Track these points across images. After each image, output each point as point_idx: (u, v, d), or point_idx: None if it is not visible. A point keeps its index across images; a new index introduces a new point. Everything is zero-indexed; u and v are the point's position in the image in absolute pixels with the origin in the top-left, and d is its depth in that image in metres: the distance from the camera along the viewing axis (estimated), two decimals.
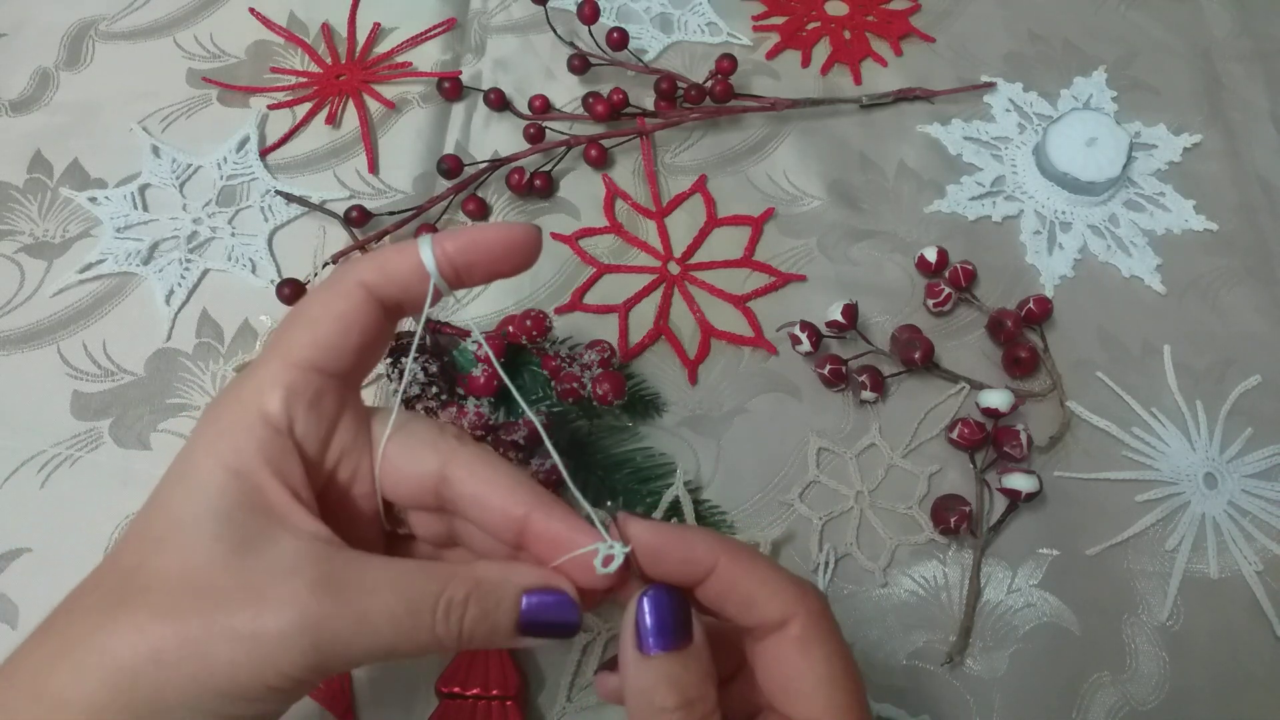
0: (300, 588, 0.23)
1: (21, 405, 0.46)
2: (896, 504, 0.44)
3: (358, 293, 0.26)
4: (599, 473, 0.43)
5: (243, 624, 0.22)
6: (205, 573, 0.23)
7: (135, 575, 0.23)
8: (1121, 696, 0.40)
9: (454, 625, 0.24)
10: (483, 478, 0.27)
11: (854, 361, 0.47)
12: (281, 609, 0.23)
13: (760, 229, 0.52)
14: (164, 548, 0.23)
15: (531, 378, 0.46)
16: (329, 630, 0.23)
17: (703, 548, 0.25)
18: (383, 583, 0.24)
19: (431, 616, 0.24)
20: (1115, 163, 0.51)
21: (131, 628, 0.22)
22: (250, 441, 0.24)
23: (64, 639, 0.23)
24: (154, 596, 0.23)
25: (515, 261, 0.27)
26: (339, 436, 0.27)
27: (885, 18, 0.61)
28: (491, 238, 0.26)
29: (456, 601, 0.24)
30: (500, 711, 0.38)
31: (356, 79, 0.57)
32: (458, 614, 0.24)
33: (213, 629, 0.22)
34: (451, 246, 0.26)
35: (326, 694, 0.39)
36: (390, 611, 0.23)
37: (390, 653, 0.24)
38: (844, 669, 0.25)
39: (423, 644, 0.24)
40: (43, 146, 0.54)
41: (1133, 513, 0.44)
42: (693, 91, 0.54)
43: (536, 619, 0.25)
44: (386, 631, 0.23)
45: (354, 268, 0.26)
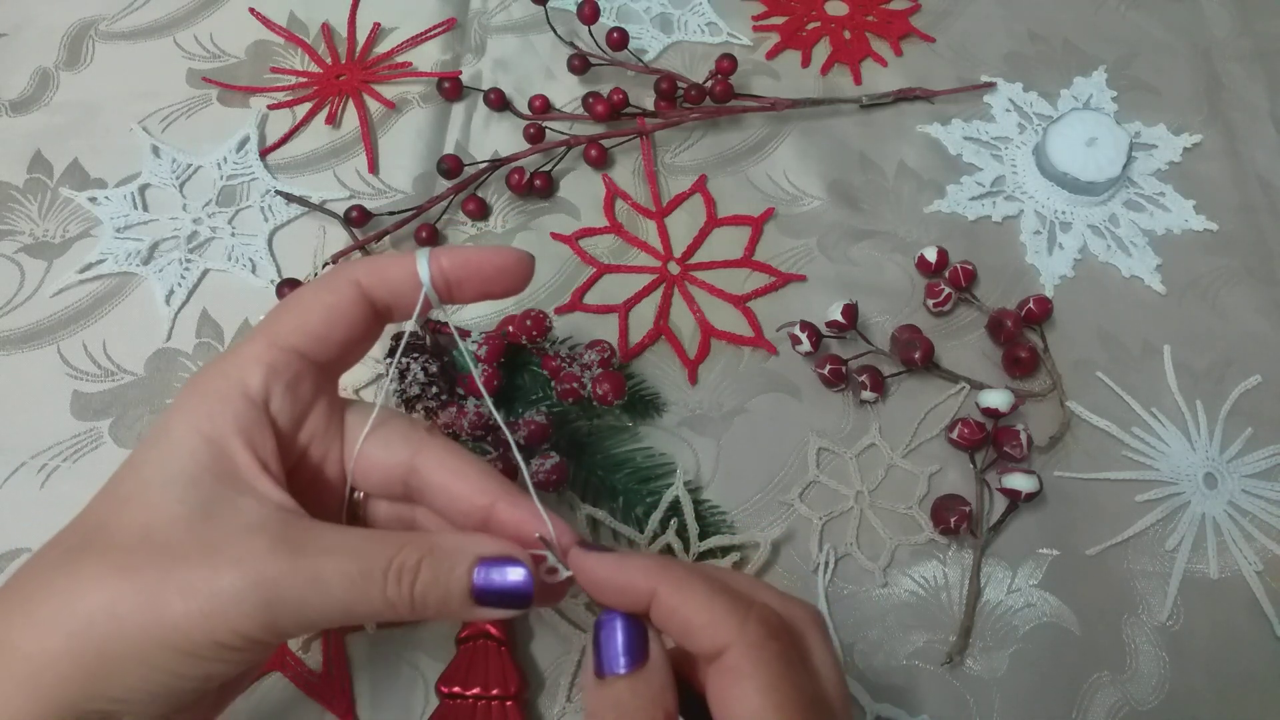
0: (257, 546, 0.23)
1: (21, 405, 0.46)
2: (896, 504, 0.44)
3: (350, 290, 0.27)
4: (599, 473, 0.43)
5: (197, 578, 0.23)
6: (166, 530, 0.23)
7: (99, 532, 0.24)
8: (1121, 696, 0.40)
9: (405, 589, 0.24)
10: (451, 468, 0.28)
11: (854, 361, 0.47)
12: (236, 565, 0.23)
13: (760, 229, 0.52)
14: (129, 506, 0.24)
15: (531, 378, 0.46)
16: (282, 587, 0.23)
17: (640, 576, 0.25)
18: (338, 545, 0.24)
19: (383, 579, 0.24)
20: (1115, 163, 0.51)
21: (90, 580, 0.23)
22: (226, 410, 0.25)
23: (24, 593, 0.23)
24: (114, 552, 0.23)
25: (506, 285, 0.28)
26: (312, 420, 0.28)
27: (885, 18, 0.61)
28: (486, 260, 0.27)
29: (409, 565, 0.24)
30: (500, 711, 0.38)
31: (356, 79, 0.57)
32: (409, 578, 0.24)
33: (167, 582, 0.23)
34: (447, 262, 0.27)
35: (326, 694, 0.39)
36: (343, 572, 0.24)
37: (344, 614, 0.24)
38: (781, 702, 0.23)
39: (375, 606, 0.24)
40: (43, 146, 0.54)
41: (1133, 513, 0.44)
42: (693, 91, 0.54)
43: (490, 587, 0.25)
44: (338, 592, 0.24)
45: (351, 266, 0.28)
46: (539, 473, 0.41)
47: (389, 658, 0.40)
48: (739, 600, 0.24)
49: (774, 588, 0.27)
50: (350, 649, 0.40)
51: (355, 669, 0.40)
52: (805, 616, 0.26)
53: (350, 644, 0.40)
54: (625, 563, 0.25)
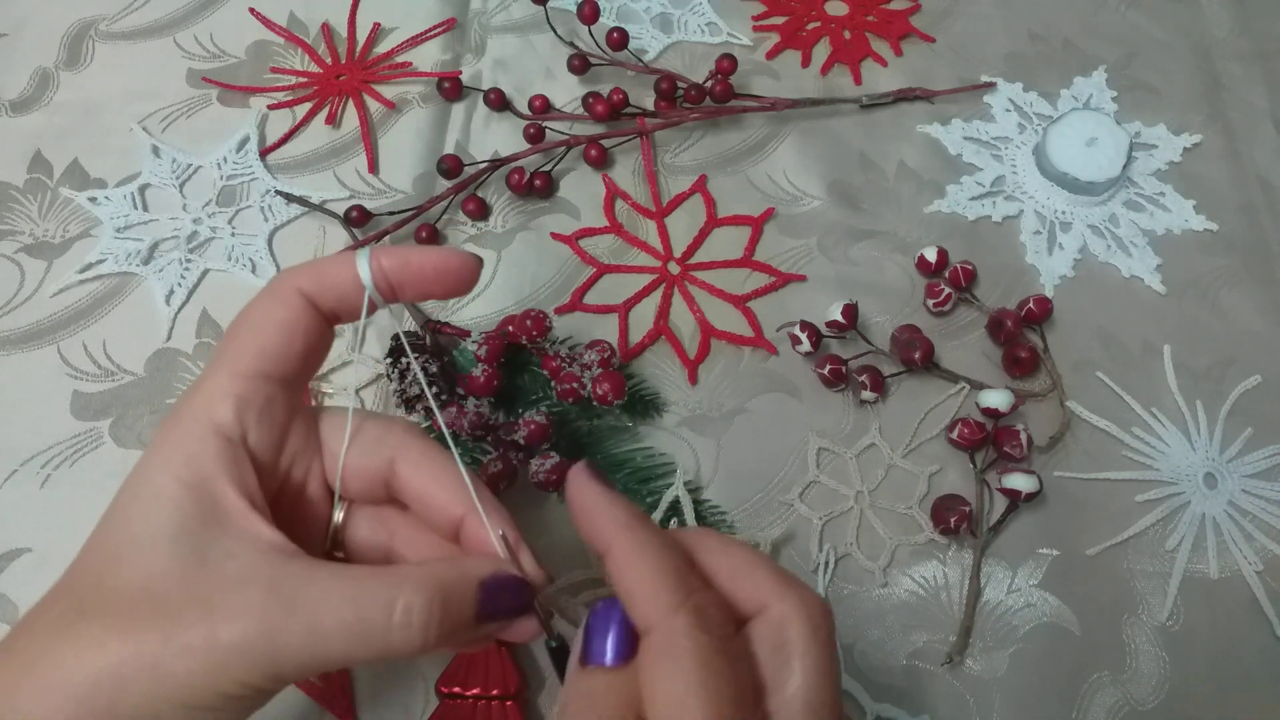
0: (253, 599, 0.23)
1: (21, 405, 0.46)
2: (896, 504, 0.44)
3: (297, 300, 0.27)
4: None
5: (196, 638, 0.23)
6: (161, 586, 0.23)
7: (93, 591, 0.24)
8: (1121, 696, 0.40)
9: (415, 631, 0.24)
10: (427, 475, 0.28)
11: (854, 361, 0.47)
12: (234, 621, 0.23)
13: (760, 229, 0.52)
14: (121, 563, 0.24)
15: (531, 378, 0.46)
16: (281, 641, 0.23)
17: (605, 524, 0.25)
18: (334, 591, 0.24)
19: (386, 620, 0.24)
20: (1115, 163, 0.51)
21: (91, 643, 0.23)
22: (204, 453, 0.25)
23: (25, 657, 0.23)
24: (111, 612, 0.23)
25: (447, 286, 0.28)
26: (291, 441, 0.28)
27: (885, 18, 0.61)
28: (426, 261, 0.27)
29: (418, 608, 0.24)
30: (500, 711, 0.38)
31: (356, 79, 0.57)
32: (421, 619, 0.24)
33: (168, 643, 0.23)
34: (388, 262, 0.27)
35: (326, 694, 0.39)
36: (341, 620, 0.24)
37: (346, 659, 0.24)
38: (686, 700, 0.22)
39: (377, 649, 0.24)
40: (43, 146, 0.54)
41: (1133, 513, 0.44)
42: (693, 91, 0.54)
43: (494, 608, 0.26)
44: (338, 640, 0.24)
45: (291, 275, 0.27)
46: (539, 473, 0.41)
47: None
48: (682, 583, 0.23)
49: (782, 572, 0.25)
50: None
51: (355, 669, 0.40)
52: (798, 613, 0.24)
53: None
54: (605, 505, 0.25)
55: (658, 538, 0.25)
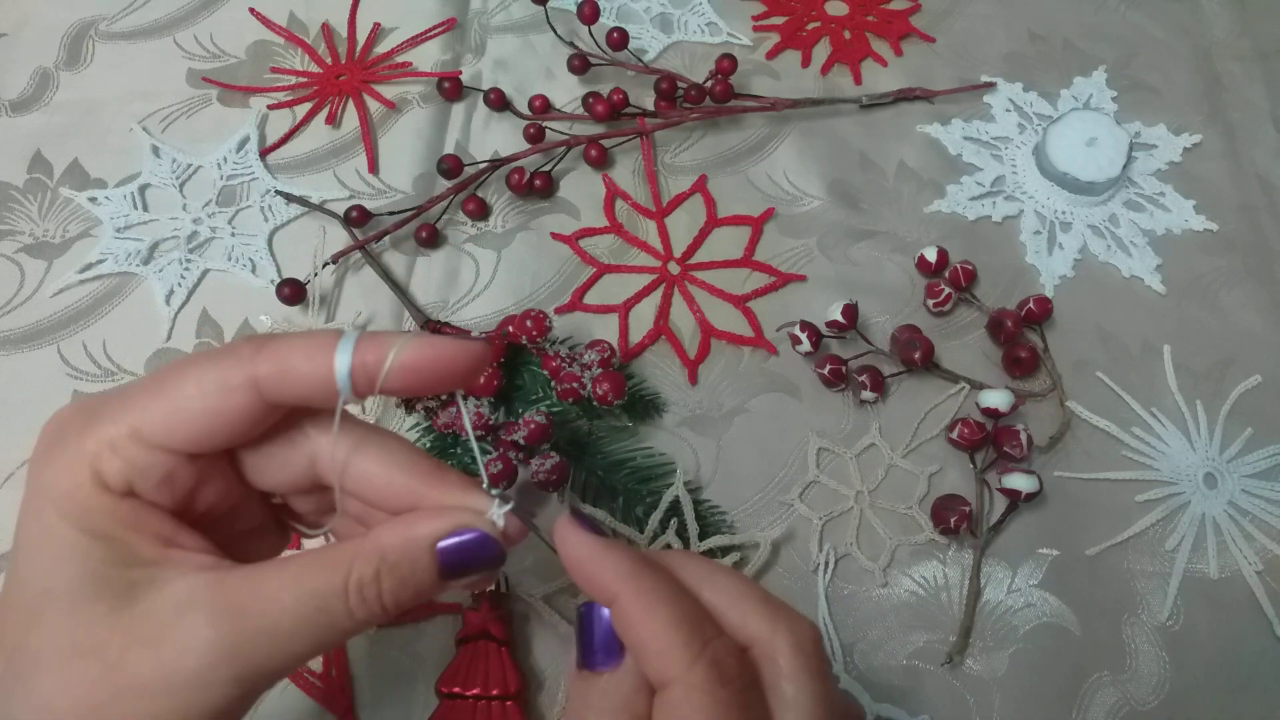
0: (198, 624, 0.22)
1: (21, 405, 0.46)
2: (896, 504, 0.44)
3: (242, 394, 0.23)
4: (599, 473, 0.43)
5: (149, 678, 0.21)
6: (92, 634, 0.22)
7: (20, 655, 0.22)
8: (1121, 696, 0.40)
9: (373, 603, 0.23)
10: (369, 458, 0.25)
11: (854, 361, 0.47)
12: (184, 653, 0.22)
13: (760, 229, 0.52)
14: (42, 620, 0.22)
15: (531, 378, 0.46)
16: (242, 655, 0.22)
17: (609, 576, 0.23)
18: (285, 589, 0.23)
19: (345, 602, 0.23)
20: (1115, 163, 0.51)
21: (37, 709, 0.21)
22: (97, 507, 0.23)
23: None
24: (47, 672, 0.22)
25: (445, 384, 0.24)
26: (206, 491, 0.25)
27: (885, 18, 0.61)
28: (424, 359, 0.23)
29: (369, 579, 0.23)
30: (500, 711, 0.38)
31: (356, 79, 0.57)
32: (373, 592, 0.23)
33: (121, 691, 0.21)
34: (373, 358, 0.23)
35: (326, 694, 0.39)
36: (299, 614, 0.23)
37: (316, 648, 0.23)
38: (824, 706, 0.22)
39: (344, 631, 0.23)
40: (43, 146, 0.54)
41: (1133, 513, 0.44)
42: (693, 91, 0.54)
43: (458, 563, 0.24)
44: (302, 635, 0.23)
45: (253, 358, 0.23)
46: (539, 472, 0.41)
47: (389, 658, 0.40)
48: (697, 633, 0.22)
49: (769, 600, 0.25)
50: (350, 649, 0.40)
51: (355, 669, 0.40)
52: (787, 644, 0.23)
53: (350, 644, 0.40)
54: (601, 555, 0.24)
55: (665, 583, 0.23)
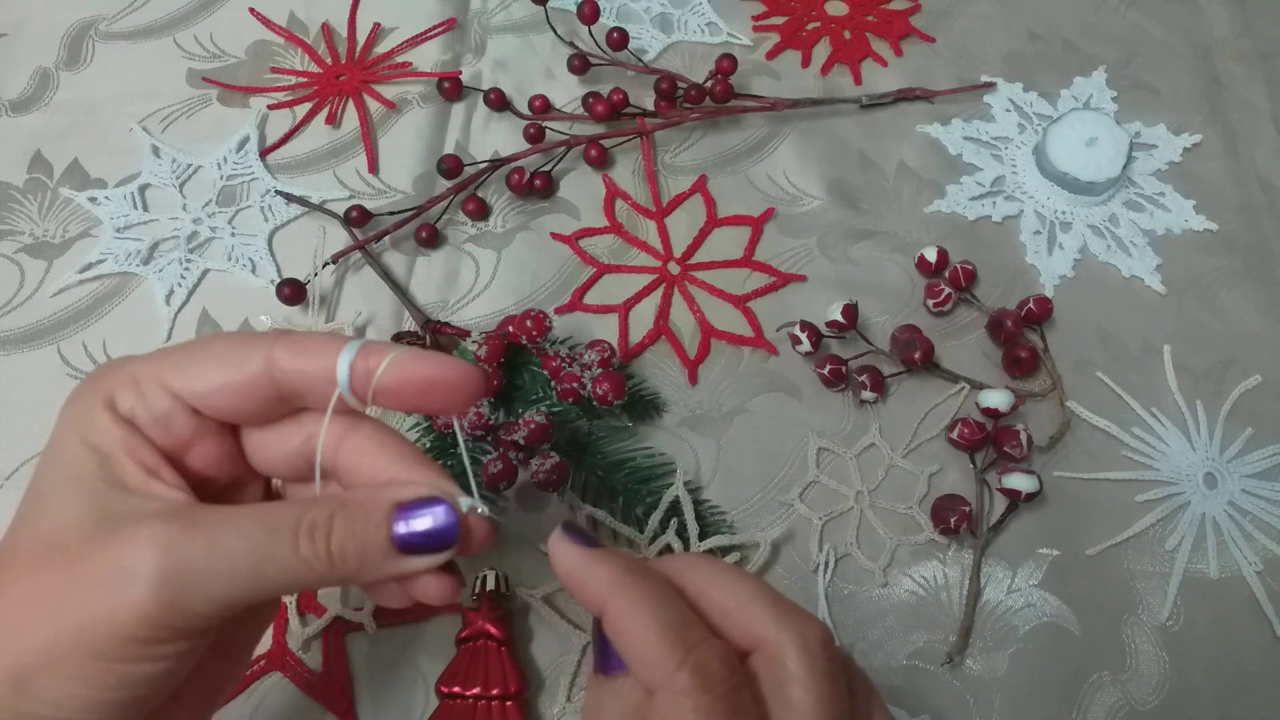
0: (152, 527, 0.22)
1: (21, 405, 0.46)
2: (896, 504, 0.44)
3: (256, 365, 0.24)
4: (599, 473, 0.43)
5: (90, 567, 0.22)
6: (64, 535, 0.23)
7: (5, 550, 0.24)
8: (1121, 696, 0.40)
9: (320, 545, 0.23)
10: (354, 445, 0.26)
11: (854, 361, 0.47)
12: (129, 545, 0.22)
13: (760, 229, 0.52)
14: (29, 519, 0.24)
15: (531, 378, 0.46)
16: (181, 556, 0.22)
17: (597, 586, 0.24)
18: (240, 513, 0.23)
19: (294, 537, 0.23)
20: (1115, 163, 0.51)
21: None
22: (98, 420, 0.24)
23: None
24: (17, 564, 0.23)
25: (437, 402, 0.25)
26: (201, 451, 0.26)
27: (885, 18, 0.61)
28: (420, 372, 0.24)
29: (321, 521, 0.23)
30: (500, 711, 0.38)
31: (356, 79, 0.57)
32: (323, 532, 0.23)
33: (63, 578, 0.22)
34: (375, 361, 0.24)
35: (326, 694, 0.39)
36: (246, 534, 0.23)
37: (254, 580, 0.23)
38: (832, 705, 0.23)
39: (287, 568, 0.23)
40: (43, 146, 0.54)
41: (1133, 513, 0.44)
42: (693, 91, 0.54)
43: (412, 533, 0.24)
44: (243, 554, 0.23)
45: (272, 340, 0.25)
46: (539, 472, 0.41)
47: (389, 658, 0.40)
48: (681, 640, 0.23)
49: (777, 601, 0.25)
50: (350, 649, 0.40)
51: (355, 669, 0.40)
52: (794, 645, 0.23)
53: (350, 644, 0.40)
54: (589, 566, 0.24)
55: (652, 590, 0.24)
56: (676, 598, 0.24)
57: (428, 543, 0.24)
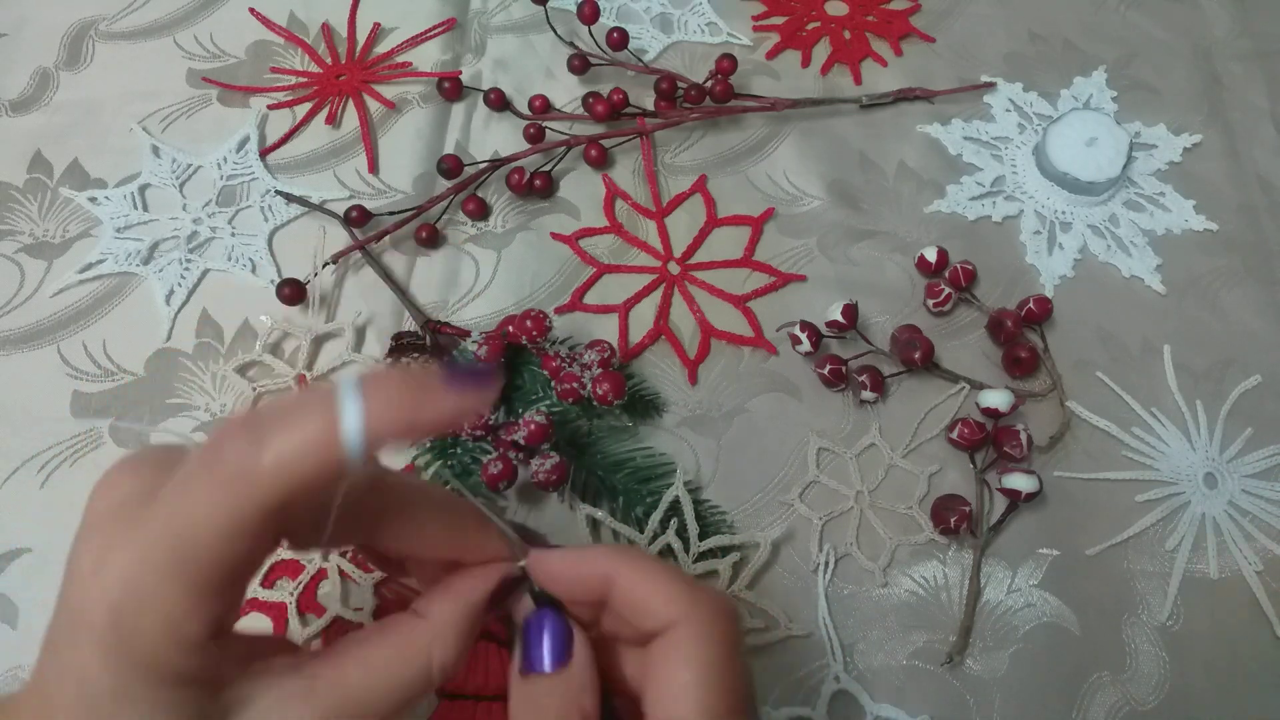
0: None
1: (21, 405, 0.46)
2: (896, 504, 0.44)
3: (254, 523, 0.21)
4: (599, 473, 0.43)
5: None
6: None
7: None
8: (1121, 696, 0.40)
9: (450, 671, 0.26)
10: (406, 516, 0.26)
11: (854, 361, 0.47)
12: None
13: (760, 229, 0.52)
14: None
15: (531, 378, 0.46)
16: None
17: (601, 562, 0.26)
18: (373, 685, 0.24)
19: (429, 683, 0.25)
20: (1115, 163, 0.51)
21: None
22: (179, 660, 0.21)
23: None
24: None
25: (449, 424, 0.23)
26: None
27: (885, 18, 0.61)
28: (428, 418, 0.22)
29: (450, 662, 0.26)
30: (500, 711, 0.38)
31: (356, 79, 0.57)
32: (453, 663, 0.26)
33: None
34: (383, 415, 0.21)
35: None
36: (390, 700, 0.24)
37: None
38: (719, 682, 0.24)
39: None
40: (43, 146, 0.54)
41: (1133, 513, 0.44)
42: (693, 91, 0.54)
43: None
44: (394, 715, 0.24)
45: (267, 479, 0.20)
46: (539, 472, 0.41)
47: None
48: (693, 582, 0.26)
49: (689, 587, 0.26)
50: None
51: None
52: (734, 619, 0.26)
53: None
54: (584, 554, 0.27)
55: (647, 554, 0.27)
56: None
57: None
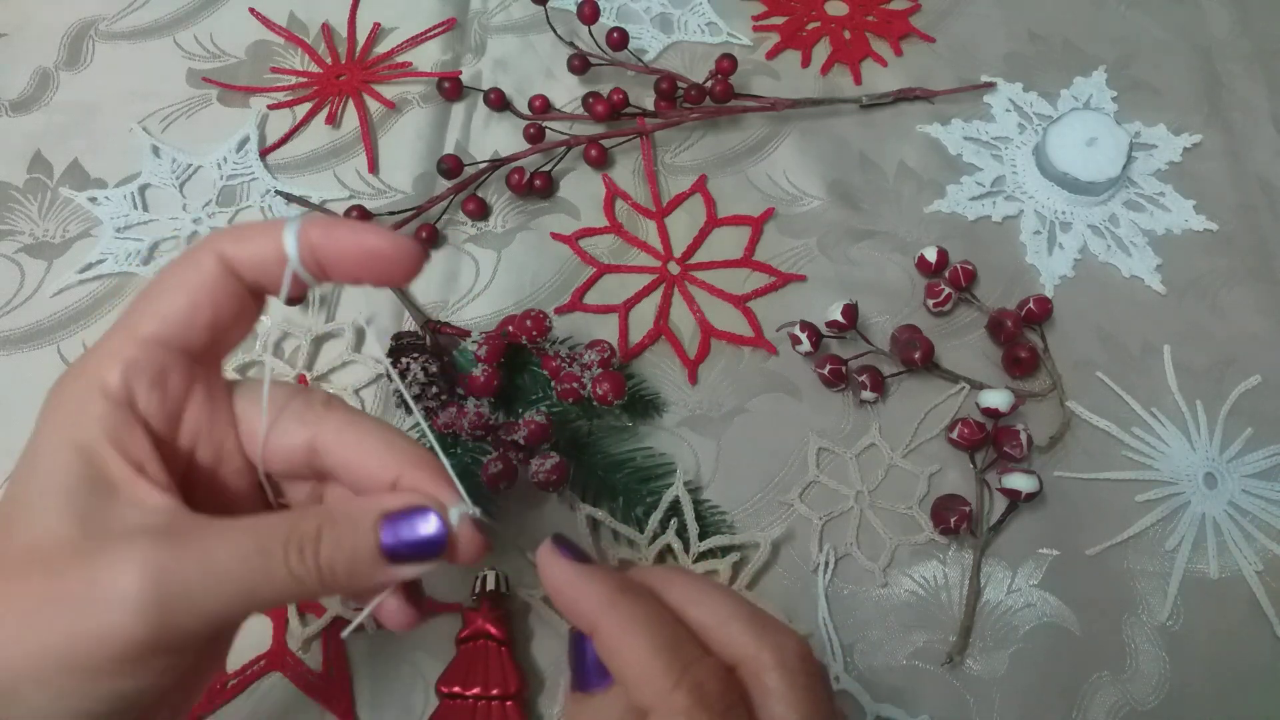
0: (139, 545, 0.22)
1: (21, 405, 0.46)
2: (896, 504, 0.44)
3: (211, 264, 0.24)
4: (599, 473, 0.43)
5: (76, 585, 0.21)
6: (46, 546, 0.22)
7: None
8: (1121, 696, 0.40)
9: (309, 559, 0.23)
10: (350, 443, 0.26)
11: (854, 361, 0.47)
12: (118, 564, 0.22)
13: (760, 229, 0.52)
14: (11, 528, 0.23)
15: (531, 378, 0.46)
16: (172, 578, 0.22)
17: (588, 605, 0.24)
18: (231, 527, 0.23)
19: (284, 552, 0.23)
20: (1115, 163, 0.51)
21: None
22: (89, 415, 0.24)
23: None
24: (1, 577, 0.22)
25: (380, 271, 0.25)
26: (191, 414, 0.26)
27: (885, 18, 0.61)
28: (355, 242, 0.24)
29: (309, 534, 0.23)
30: (500, 711, 0.38)
31: (356, 79, 0.57)
32: (311, 547, 0.23)
33: (47, 595, 0.21)
34: (316, 235, 0.24)
35: (326, 694, 0.39)
36: (238, 551, 0.22)
37: (246, 598, 0.23)
38: None
39: (279, 584, 0.23)
40: (43, 146, 0.54)
41: (1133, 513, 0.44)
42: (693, 91, 0.54)
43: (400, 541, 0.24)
44: (236, 572, 0.22)
45: (215, 237, 0.25)
46: (539, 472, 0.41)
47: (389, 658, 0.40)
48: (677, 659, 0.23)
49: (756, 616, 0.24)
50: (350, 649, 0.40)
51: (355, 669, 0.40)
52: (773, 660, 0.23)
53: (350, 644, 0.40)
54: (580, 584, 0.24)
55: (644, 608, 0.24)
56: (669, 615, 0.24)
57: (416, 552, 0.24)
